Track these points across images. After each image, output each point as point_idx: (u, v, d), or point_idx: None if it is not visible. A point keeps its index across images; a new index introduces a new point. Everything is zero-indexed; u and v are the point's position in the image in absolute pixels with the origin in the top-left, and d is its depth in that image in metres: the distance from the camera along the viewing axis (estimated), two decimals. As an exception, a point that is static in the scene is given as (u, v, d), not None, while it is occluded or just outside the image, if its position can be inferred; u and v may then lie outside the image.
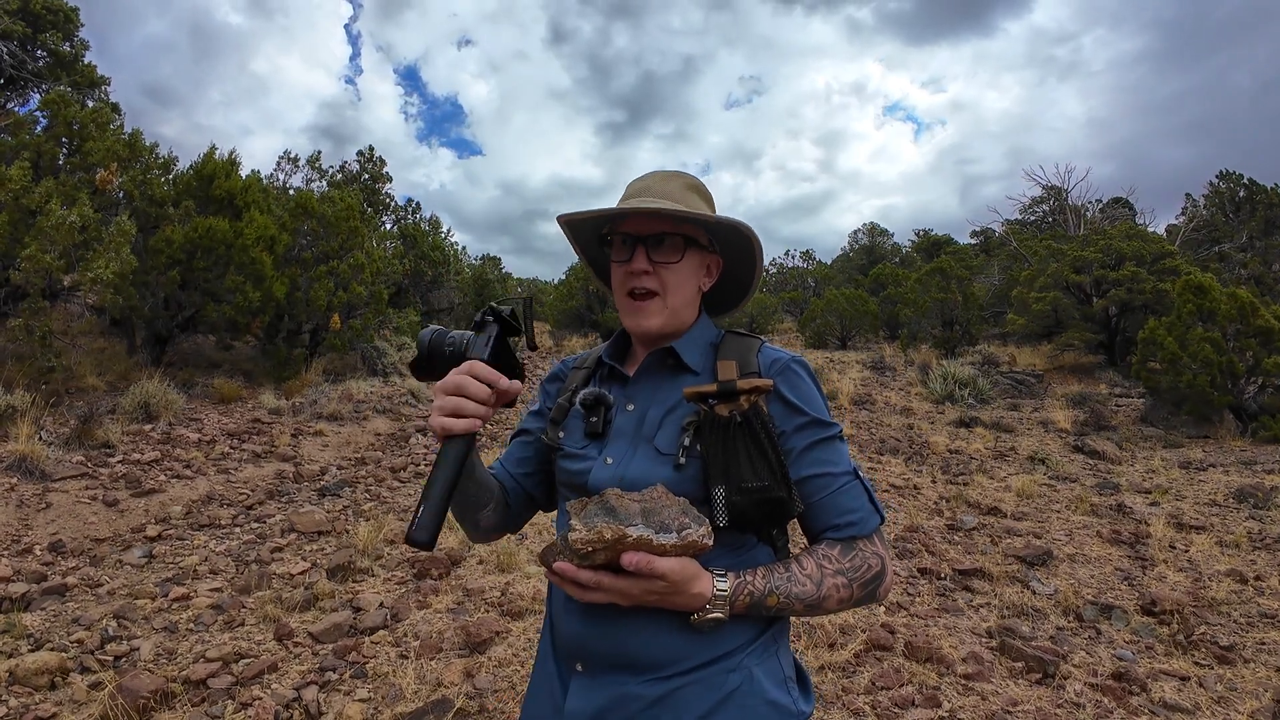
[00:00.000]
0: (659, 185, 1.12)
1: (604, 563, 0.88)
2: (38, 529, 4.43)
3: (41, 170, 7.90)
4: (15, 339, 6.61)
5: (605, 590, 0.89)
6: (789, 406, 1.03)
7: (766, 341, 1.12)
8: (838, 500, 1.00)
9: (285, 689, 2.83)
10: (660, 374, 1.11)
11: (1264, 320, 8.75)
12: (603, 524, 0.85)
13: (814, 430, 1.02)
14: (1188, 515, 5.36)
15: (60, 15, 12.74)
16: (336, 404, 8.31)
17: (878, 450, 7.73)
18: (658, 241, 1.07)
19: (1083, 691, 2.87)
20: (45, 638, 3.14)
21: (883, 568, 1.00)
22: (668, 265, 1.08)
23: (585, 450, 1.10)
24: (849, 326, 17.55)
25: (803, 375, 1.06)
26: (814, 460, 1.01)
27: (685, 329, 1.13)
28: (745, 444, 0.96)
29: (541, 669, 1.12)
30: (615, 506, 0.87)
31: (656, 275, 1.08)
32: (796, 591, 0.95)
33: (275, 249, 9.15)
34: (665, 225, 1.07)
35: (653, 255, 1.07)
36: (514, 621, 3.51)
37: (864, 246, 30.89)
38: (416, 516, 0.89)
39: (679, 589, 0.89)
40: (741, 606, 0.94)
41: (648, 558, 0.85)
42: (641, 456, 1.03)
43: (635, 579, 0.88)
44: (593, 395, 1.12)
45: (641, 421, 1.07)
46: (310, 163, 17.76)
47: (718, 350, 1.10)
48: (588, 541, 0.85)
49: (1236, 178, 21.24)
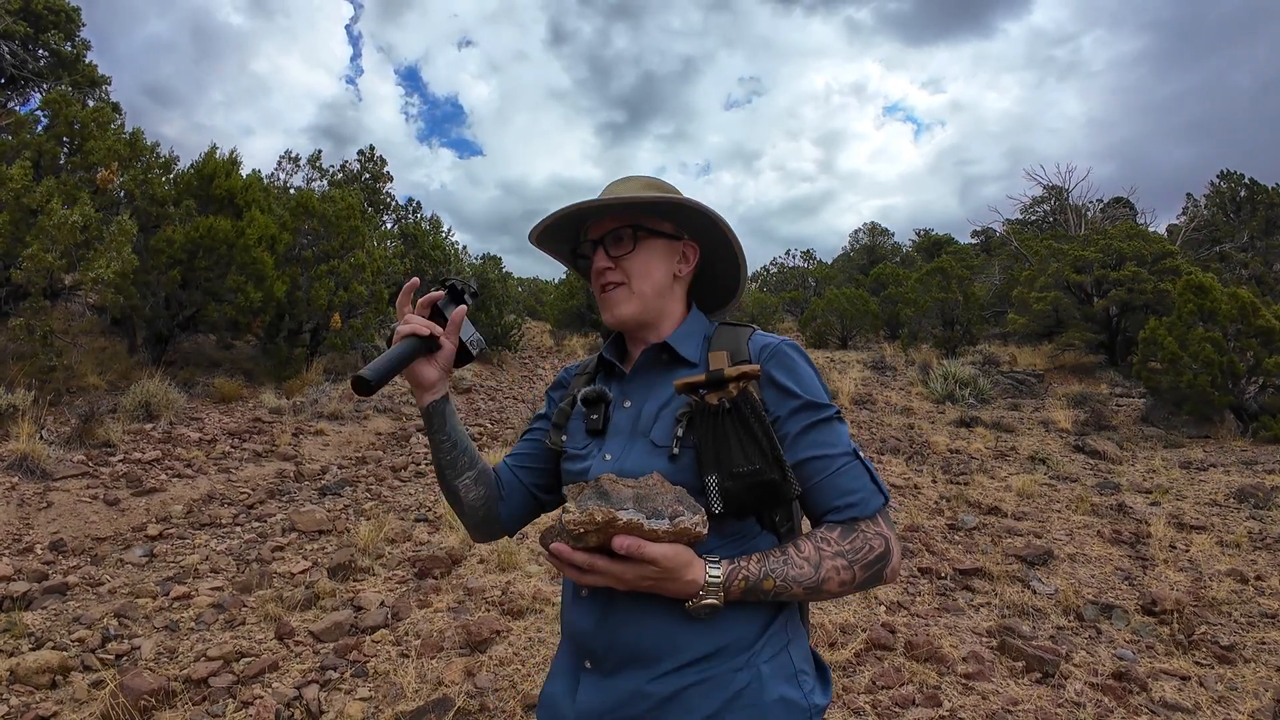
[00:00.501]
0: (612, 189, 1.17)
1: (597, 545, 0.89)
2: (39, 528, 4.43)
3: (43, 169, 7.91)
4: (16, 338, 6.61)
5: (599, 573, 0.91)
6: (781, 390, 1.03)
7: (758, 329, 1.13)
8: (837, 481, 0.99)
9: (286, 688, 2.83)
10: (655, 369, 1.14)
11: (1265, 320, 8.74)
12: (594, 506, 0.87)
13: (808, 413, 1.02)
14: (1188, 515, 5.36)
15: (62, 15, 12.75)
16: (337, 403, 8.31)
17: (878, 450, 7.73)
18: (615, 239, 1.13)
19: (1083, 691, 2.87)
20: (46, 636, 3.15)
21: (887, 548, 0.98)
22: (625, 256, 1.12)
23: (586, 449, 1.13)
24: (849, 326, 17.53)
25: (794, 357, 1.06)
26: (810, 443, 1.01)
27: (665, 318, 1.16)
28: (735, 429, 0.97)
29: (562, 657, 1.14)
30: (608, 491, 0.89)
31: (620, 268, 1.13)
32: (793, 574, 0.94)
33: (276, 248, 9.15)
34: (614, 222, 1.13)
35: (610, 250, 1.13)
36: (515, 620, 3.51)
37: (865, 246, 30.86)
38: (369, 363, 0.98)
39: (671, 575, 0.90)
40: (737, 592, 0.94)
41: (638, 542, 0.87)
42: (638, 450, 1.05)
43: (628, 563, 0.89)
44: (594, 392, 1.14)
45: (638, 417, 1.09)
46: (311, 162, 17.76)
47: (710, 341, 1.12)
48: (579, 523, 0.87)
49: (1237, 177, 21.23)
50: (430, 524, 5.06)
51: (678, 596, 0.94)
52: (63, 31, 12.84)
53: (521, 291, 26.36)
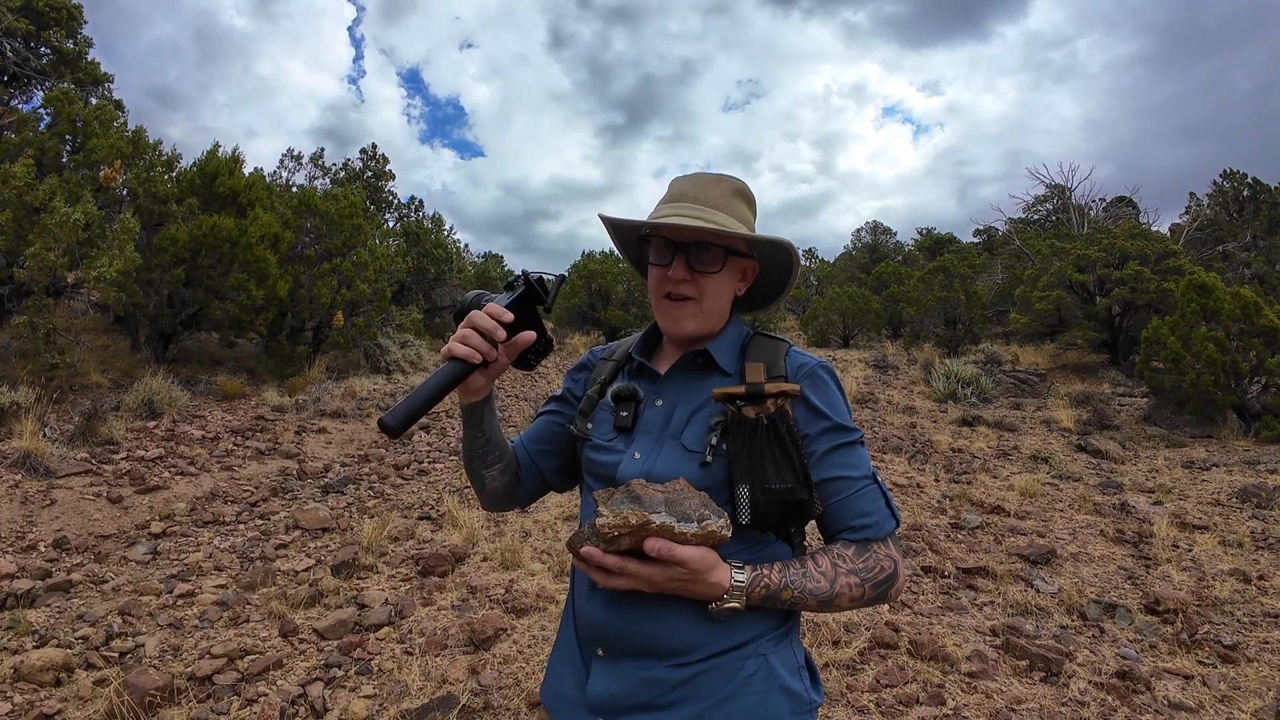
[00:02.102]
0: (703, 191, 1.11)
1: (628, 549, 0.92)
2: (42, 525, 4.44)
3: (45, 167, 7.91)
4: (20, 336, 6.62)
5: (629, 575, 0.94)
6: (813, 411, 1.05)
7: (794, 345, 1.14)
8: (855, 503, 1.04)
9: (290, 685, 2.84)
10: (690, 373, 1.14)
11: (1268, 320, 8.73)
12: (629, 510, 0.90)
13: (836, 435, 1.05)
14: (1191, 515, 5.35)
15: (64, 13, 12.74)
16: (340, 401, 8.32)
17: (881, 449, 7.72)
18: (699, 250, 1.08)
19: (1087, 690, 2.87)
20: (50, 634, 3.15)
21: (895, 570, 1.03)
22: (706, 275, 1.09)
23: (613, 443, 1.13)
24: (851, 325, 17.52)
25: (828, 381, 1.08)
26: (835, 463, 1.04)
27: (718, 332, 1.15)
28: (771, 446, 0.99)
29: (563, 652, 1.15)
30: (640, 495, 0.92)
31: (694, 282, 1.09)
32: (811, 587, 0.99)
33: (279, 246, 9.16)
34: (707, 235, 1.08)
35: (692, 263, 1.08)
36: (518, 618, 3.51)
37: (867, 245, 30.81)
38: (396, 406, 0.94)
39: (698, 577, 0.93)
40: (757, 598, 0.97)
41: (669, 545, 0.90)
42: (669, 452, 1.06)
43: (657, 565, 0.92)
44: (626, 389, 1.15)
45: (669, 418, 1.10)
46: (313, 160, 17.76)
47: (745, 351, 1.13)
48: (613, 526, 0.90)
49: (1240, 177, 21.17)
50: (433, 522, 5.07)
51: (702, 598, 0.97)
52: (64, 29, 12.84)
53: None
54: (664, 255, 1.10)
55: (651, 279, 1.13)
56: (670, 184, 1.17)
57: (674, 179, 1.17)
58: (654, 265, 1.12)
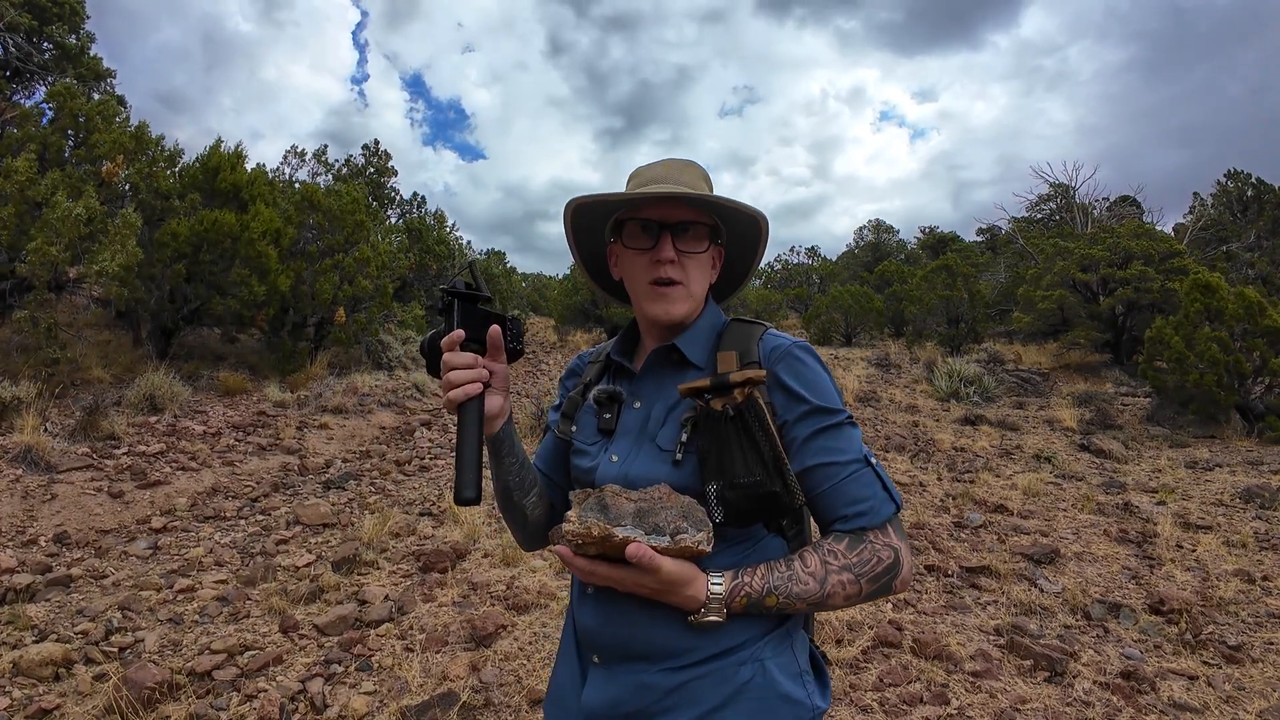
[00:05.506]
0: (680, 175, 1.08)
1: (596, 555, 0.91)
2: (43, 520, 4.43)
3: (47, 162, 7.90)
4: (21, 331, 6.62)
5: (601, 577, 0.92)
6: (790, 395, 0.99)
7: (771, 328, 1.08)
8: (845, 490, 0.96)
9: (290, 681, 2.83)
10: (664, 370, 1.09)
11: (1271, 320, 8.69)
12: (593, 521, 0.88)
13: (817, 418, 0.98)
14: (1194, 515, 5.33)
15: (66, 8, 12.73)
16: (341, 397, 8.31)
17: (883, 447, 7.71)
18: (684, 229, 1.04)
19: (1091, 690, 2.85)
20: (50, 629, 3.14)
21: (895, 559, 0.95)
22: (693, 255, 1.05)
23: (593, 447, 1.10)
24: (854, 323, 17.49)
25: (805, 360, 1.01)
26: (818, 449, 0.97)
27: (692, 320, 1.10)
28: (738, 437, 0.94)
29: (564, 658, 1.13)
30: (609, 505, 0.89)
31: (680, 264, 1.04)
32: (797, 591, 0.92)
33: (281, 242, 9.14)
34: (692, 213, 1.04)
35: (678, 243, 1.04)
36: (519, 615, 3.50)
37: (869, 243, 30.74)
38: (458, 478, 0.94)
39: (672, 589, 0.90)
40: (739, 608, 0.93)
41: (650, 553, 0.86)
42: (644, 454, 1.03)
43: (630, 571, 0.89)
44: (606, 393, 1.11)
45: (646, 419, 1.07)
46: (316, 156, 17.73)
47: (720, 339, 1.07)
48: (577, 534, 0.89)
49: (1244, 177, 21.10)
50: (434, 518, 5.06)
51: (678, 609, 0.94)
52: (67, 24, 12.82)
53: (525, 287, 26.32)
54: (645, 239, 1.04)
55: (634, 265, 1.07)
56: (636, 172, 1.12)
57: (639, 167, 1.13)
58: (635, 251, 1.06)
